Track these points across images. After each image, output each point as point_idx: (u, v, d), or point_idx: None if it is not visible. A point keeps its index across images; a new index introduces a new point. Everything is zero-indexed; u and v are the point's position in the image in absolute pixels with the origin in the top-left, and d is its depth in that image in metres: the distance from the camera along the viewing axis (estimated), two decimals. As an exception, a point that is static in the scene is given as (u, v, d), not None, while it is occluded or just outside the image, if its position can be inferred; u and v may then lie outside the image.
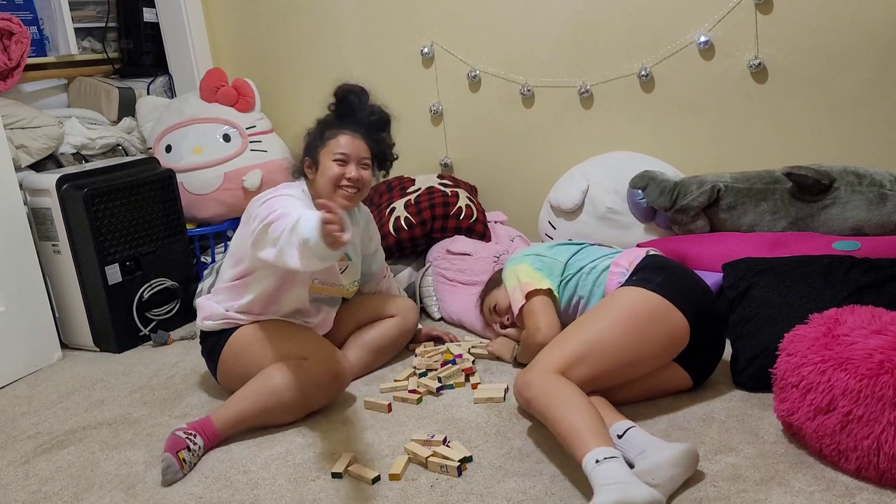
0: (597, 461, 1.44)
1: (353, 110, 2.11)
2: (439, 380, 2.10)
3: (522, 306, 2.05)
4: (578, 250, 2.13)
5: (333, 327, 2.25)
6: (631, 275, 1.92)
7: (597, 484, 1.41)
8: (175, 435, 1.81)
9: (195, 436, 1.83)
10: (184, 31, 3.42)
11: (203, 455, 1.85)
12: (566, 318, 2.06)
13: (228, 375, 2.09)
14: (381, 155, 2.16)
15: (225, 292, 2.09)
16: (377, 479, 1.67)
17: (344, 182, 2.05)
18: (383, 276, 2.44)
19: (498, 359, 2.27)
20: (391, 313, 2.29)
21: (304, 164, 2.10)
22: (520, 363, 2.17)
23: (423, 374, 2.16)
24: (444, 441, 1.77)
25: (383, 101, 2.14)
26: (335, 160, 2.04)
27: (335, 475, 1.70)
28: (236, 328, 2.08)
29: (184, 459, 1.77)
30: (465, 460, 1.70)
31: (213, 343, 2.11)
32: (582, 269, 2.06)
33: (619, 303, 1.79)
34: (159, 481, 1.75)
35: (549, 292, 2.05)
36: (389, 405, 2.00)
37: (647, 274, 1.87)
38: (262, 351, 2.01)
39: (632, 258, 1.98)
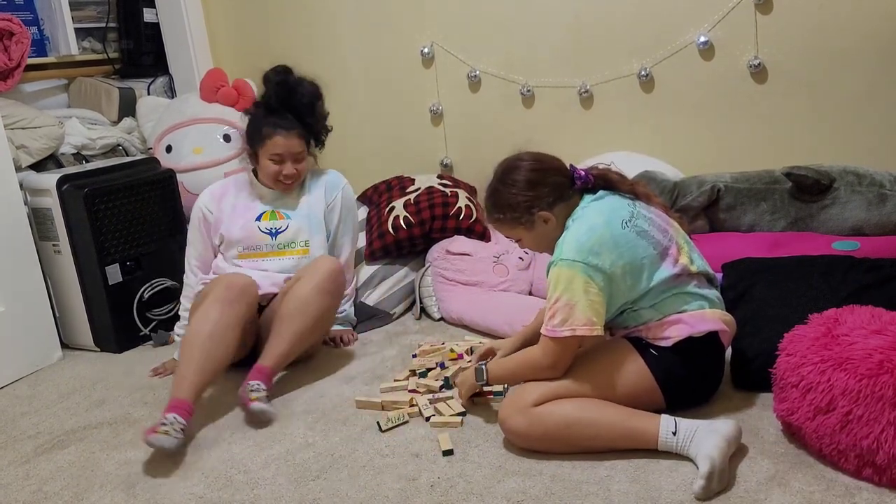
0: (673, 433, 1.60)
1: (285, 96, 2.30)
2: (444, 379, 2.10)
3: (555, 335, 1.68)
4: (655, 281, 1.71)
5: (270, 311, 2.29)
6: (682, 343, 1.71)
7: (692, 444, 1.57)
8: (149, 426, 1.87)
9: (166, 416, 1.85)
10: (184, 32, 3.42)
11: (188, 424, 1.86)
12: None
13: None
14: (316, 135, 2.39)
15: None
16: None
17: (281, 177, 2.32)
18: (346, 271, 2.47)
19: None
20: (301, 275, 2.22)
21: (247, 153, 2.38)
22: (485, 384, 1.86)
23: (424, 375, 2.16)
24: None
25: (383, 101, 2.15)
26: (271, 159, 2.29)
27: (446, 453, 1.75)
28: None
29: (166, 431, 1.78)
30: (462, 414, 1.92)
31: None
32: (648, 309, 1.74)
33: (621, 370, 1.72)
34: (160, 481, 1.76)
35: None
36: (382, 403, 2.01)
37: (683, 366, 1.72)
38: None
39: (703, 328, 1.71)
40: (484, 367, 1.83)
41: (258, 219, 2.36)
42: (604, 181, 1.82)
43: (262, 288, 2.25)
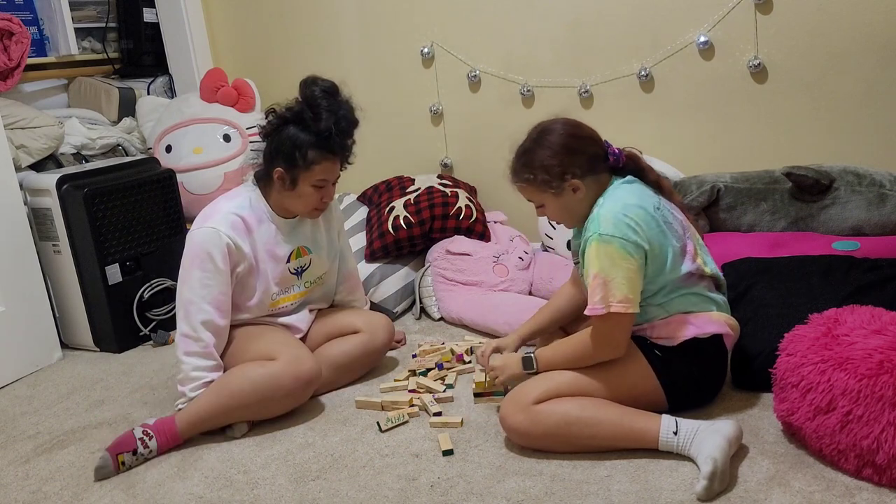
0: (674, 433, 1.60)
1: (323, 115, 1.95)
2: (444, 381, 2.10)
3: (595, 313, 1.65)
4: (675, 274, 1.71)
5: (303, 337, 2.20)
6: (687, 343, 1.70)
7: (693, 444, 1.58)
8: (130, 433, 1.84)
9: (151, 438, 1.84)
10: (184, 31, 3.42)
11: (158, 456, 1.85)
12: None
13: None
14: (343, 160, 2.06)
15: None
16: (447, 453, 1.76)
17: (320, 205, 2.05)
18: (350, 278, 2.36)
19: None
20: (358, 328, 2.19)
21: (276, 175, 1.98)
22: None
23: (423, 374, 2.16)
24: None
25: (383, 101, 2.11)
26: (315, 185, 1.99)
27: (446, 453, 1.75)
28: None
29: (123, 462, 1.81)
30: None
31: None
32: (656, 307, 1.73)
33: (628, 373, 1.71)
34: (159, 481, 1.76)
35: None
36: (382, 404, 2.01)
37: (688, 366, 1.72)
38: (231, 354, 2.02)
39: (709, 329, 1.71)
40: (532, 355, 1.78)
41: (288, 260, 2.10)
42: (634, 164, 1.81)
43: (300, 330, 2.17)
